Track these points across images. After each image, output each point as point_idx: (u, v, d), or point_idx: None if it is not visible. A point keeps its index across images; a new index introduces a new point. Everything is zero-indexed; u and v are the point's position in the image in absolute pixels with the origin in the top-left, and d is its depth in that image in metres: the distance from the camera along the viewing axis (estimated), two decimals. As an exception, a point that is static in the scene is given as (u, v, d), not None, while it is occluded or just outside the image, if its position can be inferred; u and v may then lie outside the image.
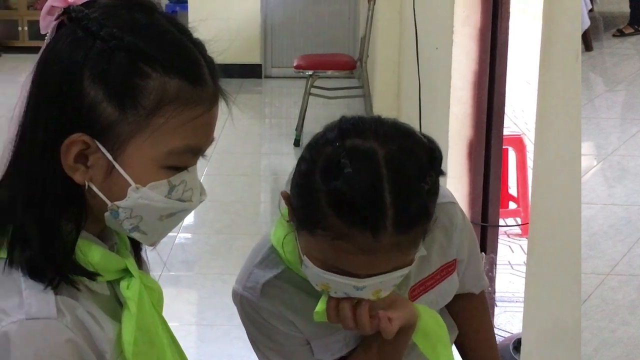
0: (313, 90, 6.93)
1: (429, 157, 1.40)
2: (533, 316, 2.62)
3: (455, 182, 3.83)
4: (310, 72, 6.98)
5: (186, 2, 9.75)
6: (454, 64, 3.84)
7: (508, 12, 3.73)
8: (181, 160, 1.21)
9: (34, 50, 5.55)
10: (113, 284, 1.26)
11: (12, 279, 1.16)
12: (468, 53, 3.78)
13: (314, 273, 1.43)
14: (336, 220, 1.34)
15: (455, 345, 1.91)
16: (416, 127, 1.55)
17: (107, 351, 1.19)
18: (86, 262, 1.21)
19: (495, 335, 1.90)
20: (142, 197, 1.19)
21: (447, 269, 1.66)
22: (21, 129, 1.20)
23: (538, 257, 2.57)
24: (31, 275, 1.15)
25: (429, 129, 4.11)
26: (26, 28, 10.79)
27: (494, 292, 4.00)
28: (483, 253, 3.92)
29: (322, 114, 7.28)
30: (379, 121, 1.42)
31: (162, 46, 1.18)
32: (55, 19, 1.20)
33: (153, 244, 1.28)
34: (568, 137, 2.26)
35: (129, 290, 1.24)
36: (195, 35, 1.24)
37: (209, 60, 1.22)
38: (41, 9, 1.24)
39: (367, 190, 1.32)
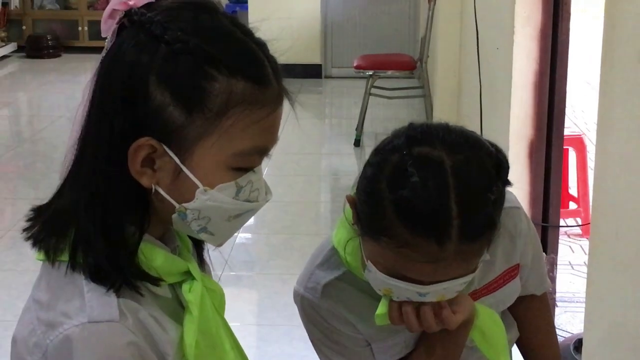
0: (373, 91, 6.95)
1: (496, 167, 1.40)
2: (595, 317, 2.61)
3: (516, 183, 3.79)
4: (370, 72, 7.00)
5: (246, 2, 9.80)
6: (515, 65, 3.84)
7: (569, 13, 3.71)
8: (248, 161, 1.21)
9: (94, 50, 5.72)
10: (175, 287, 1.26)
11: (74, 282, 1.16)
12: (529, 53, 3.78)
13: (377, 278, 1.44)
14: (402, 229, 1.34)
15: (517, 345, 1.91)
16: (477, 128, 1.57)
17: (169, 353, 1.20)
18: (149, 266, 1.21)
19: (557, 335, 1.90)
20: (210, 199, 1.19)
21: (510, 273, 1.66)
22: (84, 132, 1.20)
23: (600, 258, 2.56)
24: (94, 278, 1.16)
25: (490, 130, 4.10)
26: (86, 28, 10.92)
27: (555, 292, 3.99)
28: (544, 253, 3.91)
29: (382, 114, 7.30)
30: (447, 129, 1.42)
31: (226, 48, 1.18)
32: (117, 23, 1.21)
33: (220, 244, 1.27)
34: (630, 137, 2.25)
35: (191, 293, 1.24)
36: (257, 35, 1.23)
37: (272, 61, 1.22)
38: (102, 9, 1.26)
39: (434, 200, 1.32)
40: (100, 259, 1.16)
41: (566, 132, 4.69)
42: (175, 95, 1.15)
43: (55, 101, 8.63)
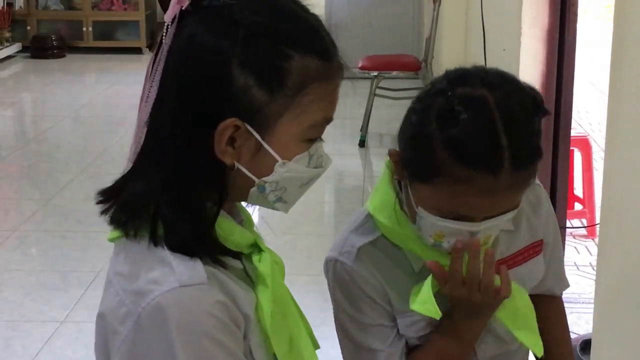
0: (378, 91, 6.95)
1: (532, 100, 1.48)
2: (604, 319, 2.61)
3: (522, 184, 3.82)
4: (375, 73, 7.01)
5: (251, 4, 9.81)
6: (522, 66, 3.84)
7: (576, 14, 3.71)
8: (318, 131, 1.30)
9: (98, 50, 5.72)
10: (242, 259, 1.32)
11: (156, 253, 1.22)
12: (535, 54, 3.78)
13: (429, 223, 1.50)
14: (456, 166, 1.42)
15: (532, 353, 1.91)
16: None
17: (250, 316, 1.26)
18: (226, 239, 1.27)
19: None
20: (288, 170, 1.27)
21: (535, 248, 1.71)
22: (158, 116, 1.25)
23: (608, 259, 2.56)
24: (176, 251, 1.21)
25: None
26: (90, 28, 10.94)
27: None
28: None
29: (387, 115, 7.30)
30: (484, 70, 1.52)
31: (297, 27, 1.25)
32: (183, 7, 1.24)
33: (288, 211, 1.34)
34: (638, 140, 2.25)
35: (262, 264, 1.30)
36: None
37: (329, 35, 1.29)
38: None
39: (485, 133, 1.41)
40: (185, 234, 1.22)
41: (572, 133, 4.70)
42: (258, 76, 1.21)
43: (60, 101, 8.64)
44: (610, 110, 2.48)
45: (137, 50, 11.04)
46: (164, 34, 1.25)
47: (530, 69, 3.82)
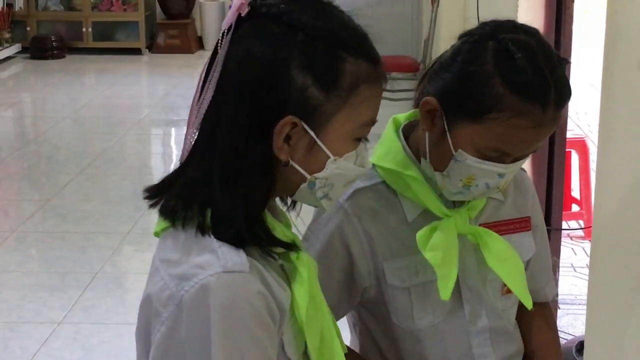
0: (376, 92, 6.95)
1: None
2: (596, 321, 2.62)
3: (518, 185, 3.83)
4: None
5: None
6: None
7: (571, 17, 3.72)
8: (365, 131, 1.38)
9: (98, 51, 5.72)
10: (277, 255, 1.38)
11: (203, 241, 1.29)
12: (531, 57, 3.78)
13: (465, 166, 1.63)
14: (513, 99, 1.57)
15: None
16: None
17: (286, 310, 1.32)
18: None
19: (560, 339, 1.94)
20: (338, 167, 1.35)
21: (522, 223, 1.84)
22: (215, 114, 1.32)
23: (601, 261, 2.57)
24: (224, 239, 1.28)
25: (492, 132, 4.09)
26: (90, 29, 10.96)
27: (557, 295, 4.00)
28: (546, 256, 3.92)
29: (385, 115, 7.28)
30: (514, 22, 1.70)
31: (349, 31, 1.35)
32: (244, 14, 1.33)
33: (329, 210, 1.45)
34: (631, 143, 2.26)
35: (300, 261, 1.38)
36: None
37: (370, 39, 1.39)
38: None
39: (537, 71, 1.57)
40: (238, 224, 1.29)
41: (569, 134, 4.70)
42: (315, 77, 1.30)
43: (60, 102, 8.65)
44: (603, 114, 2.49)
45: (137, 51, 11.06)
46: (220, 39, 1.33)
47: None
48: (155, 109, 8.52)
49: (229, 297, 1.24)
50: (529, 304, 1.78)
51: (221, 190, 1.30)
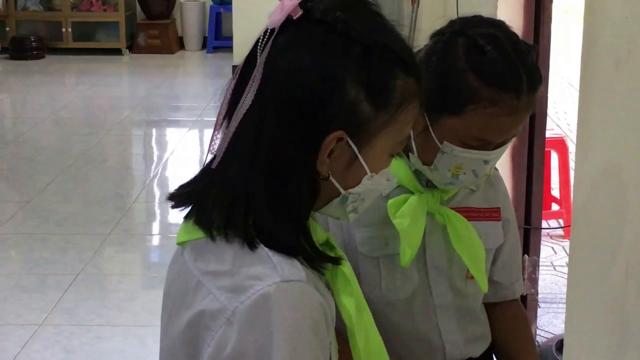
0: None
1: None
2: (575, 319, 2.64)
3: (498, 185, 3.84)
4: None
5: (230, 3, 9.82)
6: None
7: (550, 17, 3.73)
8: (401, 147, 1.36)
9: (78, 51, 5.68)
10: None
11: (255, 252, 1.24)
12: (511, 57, 3.80)
13: (451, 157, 1.70)
14: (487, 91, 1.65)
15: (495, 356, 1.97)
16: None
17: (334, 317, 1.30)
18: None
19: (536, 343, 1.98)
20: (373, 183, 1.32)
21: (492, 213, 1.92)
22: (259, 124, 1.26)
23: (579, 259, 2.58)
24: (276, 249, 1.25)
25: (472, 132, 4.10)
26: (70, 29, 10.92)
27: (537, 294, 4.02)
28: (526, 255, 3.95)
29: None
30: (480, 17, 1.77)
31: (401, 47, 1.31)
32: (295, 16, 1.26)
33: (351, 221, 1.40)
34: (608, 142, 2.28)
35: (343, 266, 1.35)
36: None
37: None
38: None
39: (506, 61, 1.65)
40: (286, 237, 1.25)
41: (549, 134, 4.72)
42: (369, 93, 1.26)
43: (39, 103, 8.61)
44: (581, 114, 2.50)
45: (117, 52, 11.03)
46: (262, 40, 1.27)
47: (505, 72, 3.83)
48: (136, 110, 8.50)
49: (292, 308, 1.20)
50: (484, 287, 1.86)
51: (266, 201, 1.25)
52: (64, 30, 10.93)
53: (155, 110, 8.45)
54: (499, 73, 1.65)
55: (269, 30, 1.27)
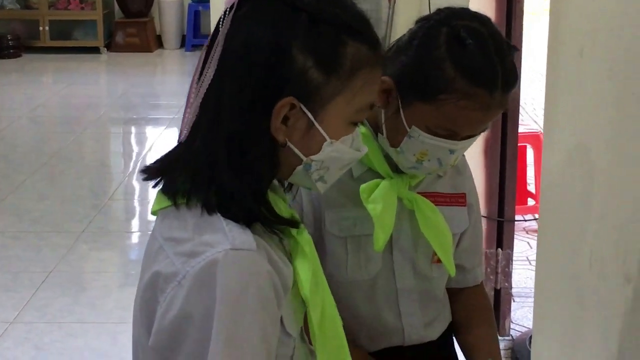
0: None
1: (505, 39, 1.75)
2: (543, 314, 2.64)
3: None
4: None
5: (208, 2, 9.78)
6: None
7: (522, 11, 3.73)
8: (362, 116, 1.40)
9: (55, 50, 5.64)
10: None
11: (210, 220, 1.30)
12: (483, 51, 3.79)
13: (418, 142, 1.71)
14: (462, 83, 1.65)
15: (457, 342, 1.99)
16: None
17: (289, 287, 1.34)
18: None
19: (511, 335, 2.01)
20: (334, 150, 1.36)
21: (457, 199, 1.95)
22: (218, 94, 1.32)
23: (547, 253, 2.59)
24: (230, 218, 1.29)
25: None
26: (47, 28, 10.85)
27: (511, 287, 4.02)
28: (499, 249, 3.94)
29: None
30: (468, 10, 1.79)
31: (352, 15, 1.35)
32: None
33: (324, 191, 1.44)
34: (574, 130, 2.28)
35: (301, 236, 1.39)
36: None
37: (374, 29, 1.40)
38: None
39: (485, 57, 1.65)
40: (245, 204, 1.30)
41: (524, 129, 4.73)
42: (317, 59, 1.31)
43: (16, 101, 8.57)
44: (547, 103, 2.52)
45: (95, 50, 10.98)
46: (222, 18, 1.34)
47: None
48: (114, 108, 8.46)
49: (236, 274, 1.25)
50: (452, 271, 1.88)
51: (227, 169, 1.31)
52: (41, 28, 10.86)
53: (133, 108, 8.42)
54: (476, 67, 1.65)
55: (228, 8, 1.34)
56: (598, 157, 2.06)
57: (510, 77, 1.69)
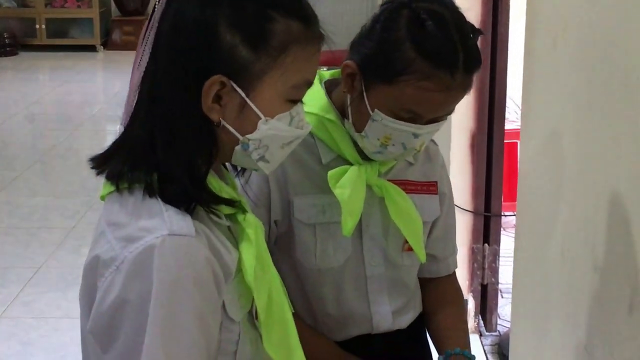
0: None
1: (469, 22, 1.76)
2: (520, 309, 2.64)
3: (458, 174, 3.85)
4: (325, 68, 7.01)
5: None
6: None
7: (508, 5, 3.73)
8: (299, 93, 1.38)
9: (52, 48, 5.63)
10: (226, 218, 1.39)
11: (150, 204, 1.30)
12: (469, 46, 3.79)
13: (381, 125, 1.71)
14: (422, 64, 1.65)
15: (428, 331, 1.99)
16: None
17: (232, 273, 1.33)
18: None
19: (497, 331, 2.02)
20: (270, 128, 1.35)
21: (429, 187, 1.94)
22: (153, 75, 1.34)
23: (523, 251, 2.59)
24: (170, 202, 1.29)
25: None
26: (44, 26, 10.87)
27: (497, 283, 4.02)
28: (486, 244, 3.94)
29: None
30: None
31: None
32: None
33: (270, 171, 1.43)
34: (548, 121, 2.28)
35: (246, 222, 1.38)
36: None
37: (310, 6, 1.39)
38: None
39: (446, 39, 1.65)
40: (181, 184, 1.30)
41: (515, 125, 4.71)
42: (244, 35, 1.30)
43: (11, 99, 8.57)
44: (524, 85, 2.53)
45: (91, 48, 10.99)
46: (157, 1, 1.30)
47: (464, 60, 3.83)
48: (109, 105, 8.46)
49: (173, 260, 1.24)
50: (422, 257, 1.87)
51: (164, 151, 1.30)
52: (37, 26, 10.88)
53: (128, 106, 8.40)
54: (435, 48, 1.65)
55: None
56: (568, 147, 2.07)
57: (472, 58, 1.68)
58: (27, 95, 8.69)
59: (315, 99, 1.81)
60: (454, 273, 2.04)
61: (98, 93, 9.32)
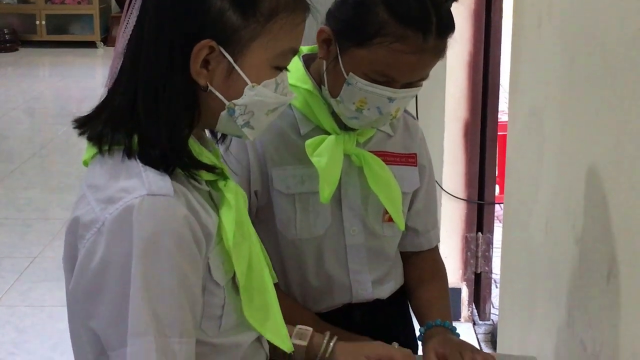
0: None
1: None
2: (508, 300, 2.65)
3: (452, 162, 3.86)
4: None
5: None
6: (449, 45, 3.85)
7: (500, 1, 3.74)
8: (285, 60, 1.40)
9: (51, 44, 5.66)
10: (208, 184, 1.41)
11: (129, 166, 1.30)
12: (462, 34, 3.80)
13: (356, 89, 1.72)
14: (395, 26, 1.67)
15: (410, 304, 1.99)
16: (412, 109, 1.92)
17: (212, 234, 1.34)
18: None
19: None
20: (256, 94, 1.36)
21: (408, 158, 1.96)
22: (139, 38, 1.33)
23: (510, 243, 2.60)
24: (150, 163, 1.30)
25: (425, 109, 4.10)
26: (44, 22, 10.90)
27: (491, 272, 4.03)
28: (480, 233, 3.95)
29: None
30: None
31: None
32: None
33: (255, 138, 1.45)
34: (534, 99, 2.29)
35: (227, 188, 1.39)
36: None
37: None
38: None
39: (419, 2, 1.66)
40: (161, 146, 1.30)
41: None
42: (233, 1, 1.32)
43: (11, 94, 8.59)
44: (512, 65, 2.53)
45: (91, 44, 11.01)
46: None
47: (457, 49, 3.84)
48: (108, 101, 8.45)
49: (152, 220, 1.25)
50: (401, 225, 1.89)
51: (145, 114, 1.31)
52: (38, 23, 10.91)
53: (127, 101, 8.40)
54: (408, 10, 1.67)
55: None
56: (550, 124, 2.08)
57: (445, 23, 1.70)
58: (26, 91, 8.70)
59: (293, 70, 1.79)
60: (437, 247, 2.05)
61: (97, 88, 9.22)
